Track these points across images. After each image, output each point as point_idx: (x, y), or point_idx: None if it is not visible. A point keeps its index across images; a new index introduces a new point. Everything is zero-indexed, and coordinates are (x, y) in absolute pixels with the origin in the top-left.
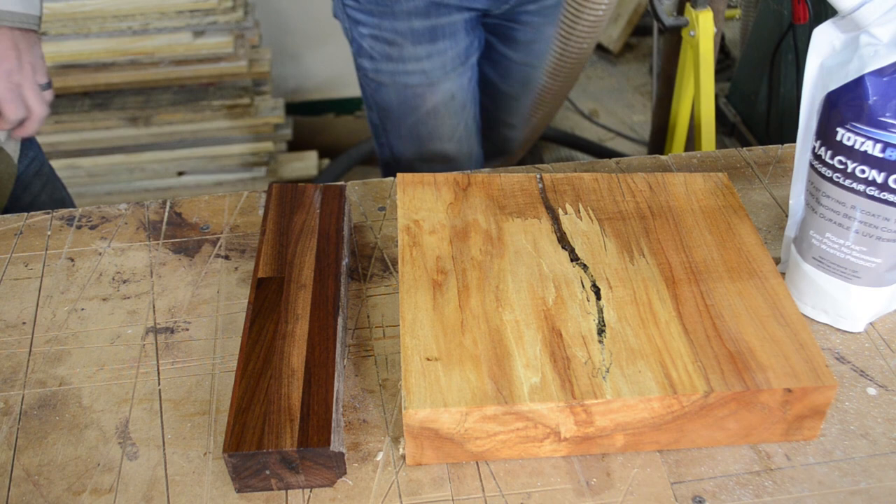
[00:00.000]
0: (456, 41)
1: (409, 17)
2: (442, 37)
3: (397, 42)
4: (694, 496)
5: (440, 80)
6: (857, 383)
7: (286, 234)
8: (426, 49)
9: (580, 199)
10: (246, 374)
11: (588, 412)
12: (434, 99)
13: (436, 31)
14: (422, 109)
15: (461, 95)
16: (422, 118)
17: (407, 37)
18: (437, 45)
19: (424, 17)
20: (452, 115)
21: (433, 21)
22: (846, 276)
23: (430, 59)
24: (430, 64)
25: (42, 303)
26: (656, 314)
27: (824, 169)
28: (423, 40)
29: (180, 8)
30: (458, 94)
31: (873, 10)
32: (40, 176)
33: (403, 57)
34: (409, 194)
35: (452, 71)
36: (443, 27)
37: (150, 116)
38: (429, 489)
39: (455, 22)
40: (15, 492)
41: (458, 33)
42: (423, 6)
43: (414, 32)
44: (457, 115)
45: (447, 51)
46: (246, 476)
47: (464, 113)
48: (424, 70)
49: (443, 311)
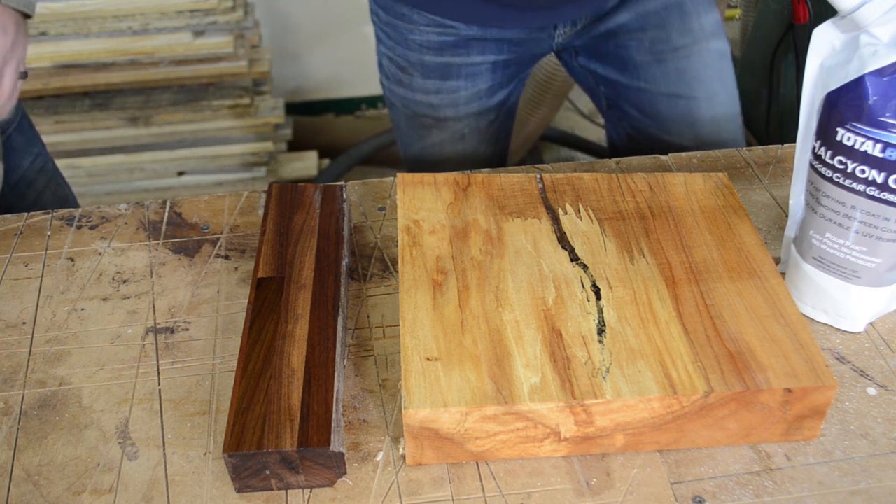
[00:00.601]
0: (474, 83)
1: (421, 49)
2: (455, 76)
3: (408, 70)
4: (694, 496)
5: (449, 118)
6: (857, 383)
7: (286, 234)
8: (435, 84)
9: (580, 199)
10: (246, 374)
11: (588, 412)
12: (441, 134)
13: (449, 69)
14: (427, 140)
15: (473, 138)
16: (427, 147)
17: (417, 68)
18: (447, 84)
19: (437, 53)
20: (459, 153)
21: (446, 59)
22: (846, 276)
23: (439, 94)
24: (438, 99)
25: (42, 303)
26: (656, 314)
27: (824, 169)
28: (434, 76)
29: (180, 8)
30: (469, 135)
31: (873, 10)
32: (44, 173)
33: (413, 86)
34: (409, 194)
35: (465, 110)
36: (457, 67)
37: (150, 116)
38: (429, 489)
39: (475, 63)
40: (15, 492)
41: (478, 75)
42: (436, 42)
43: (424, 66)
44: (464, 154)
45: (459, 90)
46: (246, 476)
47: (475, 154)
48: (432, 104)
49: (443, 311)
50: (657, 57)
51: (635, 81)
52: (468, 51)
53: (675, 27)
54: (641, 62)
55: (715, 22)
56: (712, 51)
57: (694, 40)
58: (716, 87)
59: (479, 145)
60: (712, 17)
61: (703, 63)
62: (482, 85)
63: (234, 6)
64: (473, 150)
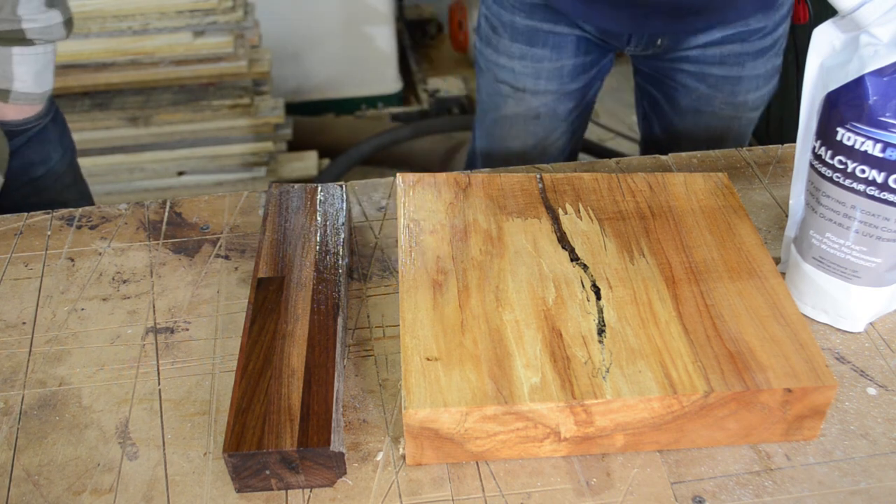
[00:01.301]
0: (558, 55)
1: (514, 10)
2: (542, 44)
3: (498, 31)
4: (694, 496)
5: (527, 90)
6: (857, 383)
7: (286, 234)
8: (520, 49)
9: (580, 199)
10: (246, 374)
11: (588, 412)
12: (516, 108)
13: (536, 34)
14: (502, 110)
15: (547, 121)
16: (500, 119)
17: (507, 29)
18: (533, 50)
19: (527, 15)
20: (531, 134)
21: (535, 23)
22: (846, 276)
23: (523, 61)
24: (521, 66)
25: (42, 303)
26: (656, 314)
27: (824, 169)
28: (521, 39)
29: (180, 8)
30: (545, 116)
31: (873, 10)
32: (72, 168)
33: (499, 48)
34: (409, 194)
35: (545, 86)
36: (545, 34)
37: (150, 116)
38: (429, 489)
39: (561, 34)
40: (15, 492)
41: (563, 47)
42: (528, 3)
43: (514, 27)
44: (536, 136)
45: (543, 60)
46: (246, 476)
47: (548, 138)
48: (514, 70)
49: (443, 311)
50: (698, 109)
51: (673, 115)
52: (557, 19)
53: (722, 97)
54: (684, 107)
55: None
56: (744, 120)
57: (734, 112)
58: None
59: (552, 132)
60: (764, 91)
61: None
62: (566, 60)
63: (234, 6)
64: (546, 134)
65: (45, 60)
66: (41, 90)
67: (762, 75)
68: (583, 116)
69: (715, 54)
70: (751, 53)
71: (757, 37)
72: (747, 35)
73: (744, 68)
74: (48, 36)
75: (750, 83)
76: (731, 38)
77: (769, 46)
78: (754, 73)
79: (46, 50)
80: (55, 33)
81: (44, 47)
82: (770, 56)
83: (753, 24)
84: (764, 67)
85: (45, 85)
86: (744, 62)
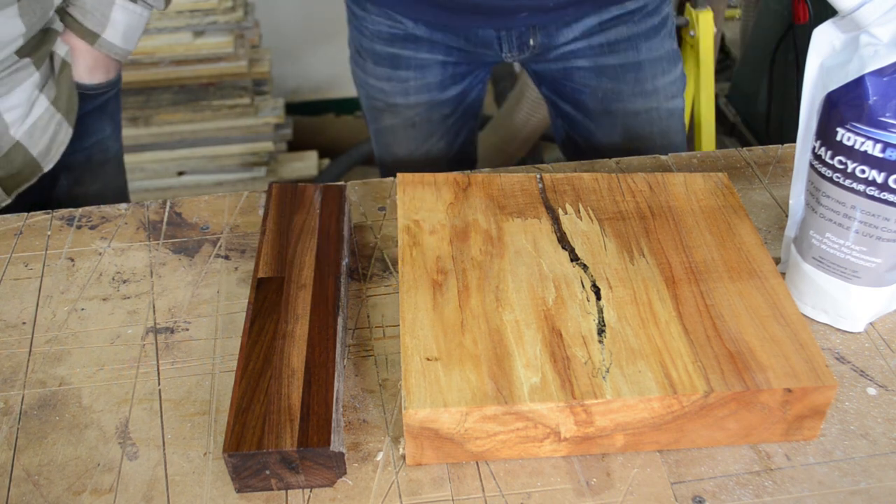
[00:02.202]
0: (423, 74)
1: (373, 37)
2: (405, 67)
3: (363, 55)
4: (694, 496)
5: (399, 105)
6: (857, 383)
7: (286, 234)
8: (386, 72)
9: (580, 199)
10: (246, 374)
11: (588, 412)
12: (393, 119)
13: (398, 59)
14: (381, 123)
15: (424, 128)
16: (381, 129)
17: (370, 55)
18: (397, 73)
19: (387, 43)
20: (411, 140)
21: (395, 50)
22: (846, 276)
23: (390, 82)
24: (389, 86)
25: (42, 303)
26: (656, 314)
27: (824, 169)
28: (384, 64)
29: (180, 8)
30: (420, 124)
31: (873, 10)
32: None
33: (366, 70)
34: (409, 194)
35: (416, 99)
36: (406, 59)
37: (150, 116)
38: (429, 489)
39: (423, 58)
40: (15, 492)
41: (427, 68)
42: (386, 33)
43: (376, 53)
44: (416, 141)
45: (408, 80)
46: (246, 476)
47: (427, 142)
48: (384, 90)
49: (443, 311)
50: (608, 109)
51: (587, 122)
52: (417, 47)
53: (629, 88)
54: (594, 109)
55: (673, 81)
56: (663, 111)
57: (646, 103)
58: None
59: (430, 136)
60: (671, 76)
61: (651, 123)
62: (431, 78)
63: (234, 6)
64: (425, 139)
65: (139, 21)
66: (125, 48)
67: (664, 57)
68: (466, 117)
69: (602, 43)
70: (641, 34)
71: (640, 15)
72: (628, 17)
73: (640, 52)
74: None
75: (654, 67)
76: (611, 22)
77: (660, 24)
78: (654, 55)
79: (143, 12)
80: (157, 1)
81: (143, 8)
82: (664, 36)
83: (630, 5)
84: (662, 48)
85: (130, 44)
86: (637, 45)
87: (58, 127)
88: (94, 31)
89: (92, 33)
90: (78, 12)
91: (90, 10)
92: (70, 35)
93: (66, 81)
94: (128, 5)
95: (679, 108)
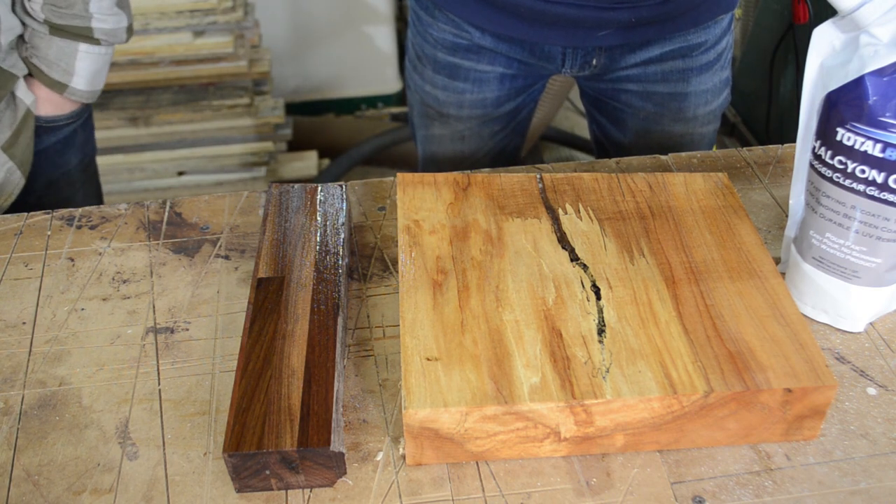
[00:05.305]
0: (480, 88)
1: (436, 45)
2: (463, 79)
3: (423, 60)
4: (694, 496)
5: (452, 116)
6: (857, 383)
7: (286, 234)
8: (443, 81)
9: (580, 199)
10: (246, 374)
11: (588, 412)
12: (442, 129)
13: (458, 70)
14: (430, 130)
15: (473, 142)
16: (429, 137)
17: (430, 61)
18: (454, 83)
19: (449, 52)
20: (457, 152)
21: (456, 60)
22: (846, 276)
23: (446, 91)
24: (444, 95)
25: (42, 303)
26: (656, 314)
27: (824, 169)
28: (443, 73)
29: (180, 8)
30: (469, 138)
31: (873, 10)
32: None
33: (424, 76)
34: (409, 194)
35: (469, 113)
36: (466, 70)
37: (150, 116)
38: (429, 489)
39: (483, 71)
40: (15, 492)
41: (485, 82)
42: (449, 41)
43: (436, 61)
44: (462, 153)
45: (465, 92)
46: (246, 476)
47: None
48: (438, 99)
49: (443, 311)
50: (646, 128)
51: (620, 135)
52: (479, 58)
53: (671, 115)
54: (631, 127)
55: (713, 110)
56: (696, 136)
57: (684, 128)
58: None
59: (476, 151)
60: (713, 105)
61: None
62: (489, 94)
63: (234, 6)
64: (472, 153)
65: (104, 61)
66: (93, 89)
67: (710, 90)
68: (514, 135)
69: (657, 71)
70: (694, 69)
71: (699, 52)
72: (688, 51)
73: (689, 84)
74: (113, 38)
75: (697, 99)
76: (671, 54)
77: (713, 60)
78: (700, 88)
79: (108, 51)
80: (119, 36)
81: (106, 48)
82: (716, 70)
83: (693, 39)
84: (711, 82)
85: (97, 85)
86: (688, 78)
87: (8, 175)
88: (61, 82)
89: (59, 84)
90: (43, 63)
91: (54, 60)
92: (36, 85)
93: (27, 131)
94: (91, 49)
95: (712, 131)
